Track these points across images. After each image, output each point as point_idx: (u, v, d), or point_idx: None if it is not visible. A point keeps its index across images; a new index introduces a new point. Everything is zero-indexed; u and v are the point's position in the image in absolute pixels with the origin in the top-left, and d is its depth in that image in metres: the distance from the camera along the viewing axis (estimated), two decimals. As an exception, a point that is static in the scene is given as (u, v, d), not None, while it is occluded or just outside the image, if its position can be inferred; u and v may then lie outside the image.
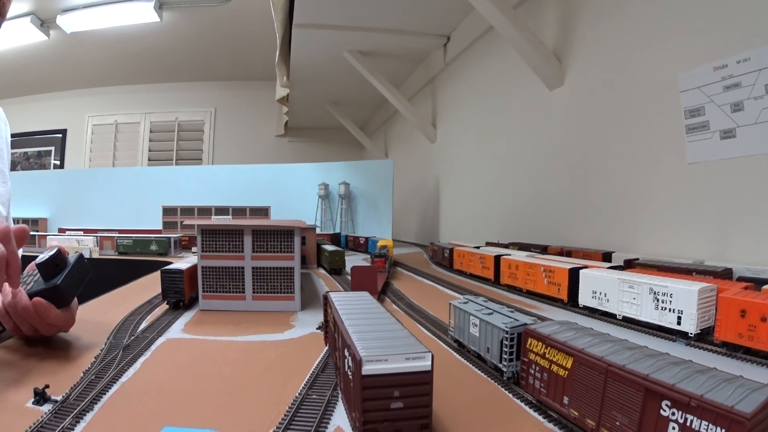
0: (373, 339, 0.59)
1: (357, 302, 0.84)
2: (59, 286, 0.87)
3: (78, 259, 0.93)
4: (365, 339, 0.59)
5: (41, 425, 0.59)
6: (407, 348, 0.55)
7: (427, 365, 0.54)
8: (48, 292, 0.86)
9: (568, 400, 0.58)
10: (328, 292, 0.90)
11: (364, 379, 0.52)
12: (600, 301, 1.21)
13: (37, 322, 0.88)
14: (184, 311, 1.31)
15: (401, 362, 0.53)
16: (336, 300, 0.85)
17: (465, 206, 3.49)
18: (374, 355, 0.53)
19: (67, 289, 0.89)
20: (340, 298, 0.86)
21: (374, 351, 0.54)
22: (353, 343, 0.57)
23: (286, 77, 4.24)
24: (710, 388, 0.44)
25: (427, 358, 0.54)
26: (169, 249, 3.04)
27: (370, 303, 0.84)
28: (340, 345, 0.68)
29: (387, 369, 0.52)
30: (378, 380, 0.52)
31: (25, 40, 4.88)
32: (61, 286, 0.87)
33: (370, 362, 0.52)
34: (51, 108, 6.62)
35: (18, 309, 0.86)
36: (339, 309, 0.76)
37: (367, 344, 0.56)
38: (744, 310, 0.86)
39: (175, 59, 5.72)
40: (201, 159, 6.72)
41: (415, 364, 0.53)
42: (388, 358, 0.53)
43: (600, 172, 1.99)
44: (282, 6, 3.13)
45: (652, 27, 1.70)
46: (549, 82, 2.24)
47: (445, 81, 3.78)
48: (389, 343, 0.58)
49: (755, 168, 1.34)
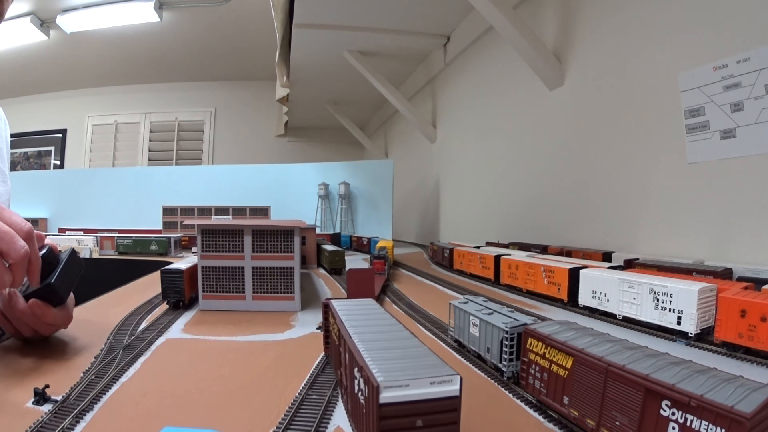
0: (390, 359, 0.52)
1: (363, 311, 0.76)
2: (53, 285, 0.86)
3: (70, 255, 0.93)
4: (380, 359, 0.51)
5: (41, 425, 0.59)
6: (431, 370, 0.48)
7: (455, 390, 0.47)
8: (43, 291, 0.86)
9: (568, 400, 0.58)
10: (330, 300, 0.82)
11: (381, 409, 0.45)
12: (600, 301, 1.21)
13: (36, 324, 0.88)
14: (184, 311, 1.31)
15: (425, 387, 0.46)
16: (340, 309, 0.76)
17: (465, 206, 3.49)
18: (393, 380, 0.45)
19: (62, 286, 0.89)
20: (344, 307, 0.78)
21: (393, 375, 0.47)
22: (366, 364, 0.50)
23: (286, 77, 4.24)
24: (710, 388, 0.44)
25: (454, 382, 0.47)
26: (169, 249, 3.04)
27: (377, 313, 0.76)
28: (347, 362, 0.60)
29: (408, 396, 0.45)
30: (398, 409, 0.45)
31: (25, 40, 4.88)
32: (55, 285, 0.86)
33: (389, 388, 0.45)
34: (51, 108, 6.62)
35: (15, 312, 0.85)
36: (345, 320, 0.69)
37: (384, 366, 0.49)
38: (744, 310, 0.86)
39: (175, 59, 5.72)
40: (201, 159, 6.72)
41: (441, 389, 0.46)
42: (410, 382, 0.46)
43: (600, 172, 1.99)
44: (282, 6, 3.13)
45: (652, 27, 1.70)
46: (549, 82, 2.24)
47: (445, 81, 3.78)
48: (408, 363, 0.50)
49: (755, 168, 1.34)
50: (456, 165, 3.63)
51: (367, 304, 0.81)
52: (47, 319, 0.87)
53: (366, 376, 0.48)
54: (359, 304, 0.81)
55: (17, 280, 0.73)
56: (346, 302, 0.82)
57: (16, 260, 0.71)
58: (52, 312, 0.87)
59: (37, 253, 0.79)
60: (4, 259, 0.71)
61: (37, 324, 0.88)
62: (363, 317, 0.71)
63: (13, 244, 0.71)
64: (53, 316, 0.88)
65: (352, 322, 0.67)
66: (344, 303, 0.81)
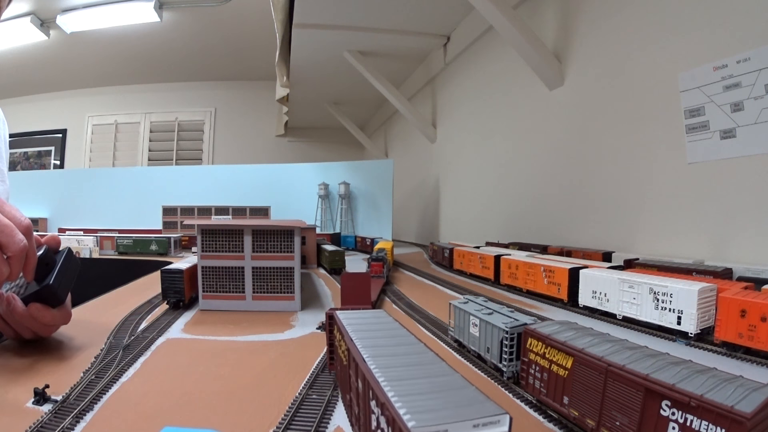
0: (418, 393, 0.42)
1: (375, 326, 0.65)
2: (52, 285, 0.86)
3: (67, 255, 0.93)
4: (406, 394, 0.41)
5: (41, 425, 0.59)
6: (472, 408, 0.39)
7: None
8: (42, 292, 0.86)
9: (568, 400, 0.58)
10: (335, 311, 0.74)
11: None
12: (600, 301, 1.21)
13: (36, 326, 0.88)
14: (184, 311, 1.31)
15: (467, 430, 0.37)
16: (348, 323, 0.66)
17: (465, 206, 3.49)
18: (428, 425, 0.36)
19: (60, 287, 0.89)
20: (353, 321, 0.67)
21: (426, 416, 0.37)
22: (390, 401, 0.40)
23: (286, 77, 4.24)
24: (710, 388, 0.44)
25: (503, 423, 0.38)
26: (169, 249, 3.04)
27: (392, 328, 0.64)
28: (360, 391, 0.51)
29: None
30: None
31: (25, 40, 4.88)
32: (54, 285, 0.86)
33: None
34: (51, 108, 6.62)
35: (15, 316, 0.86)
36: (355, 338, 0.58)
37: (412, 403, 0.39)
38: (744, 310, 0.86)
39: (175, 59, 5.72)
40: (201, 159, 6.72)
41: None
42: (448, 427, 0.36)
43: (600, 172, 1.99)
44: (282, 6, 3.13)
45: (652, 27, 1.70)
46: (549, 82, 2.24)
47: (445, 81, 3.78)
48: (442, 399, 0.41)
49: (755, 168, 1.34)
50: (456, 165, 3.63)
51: (379, 317, 0.71)
52: (47, 320, 0.87)
53: (390, 417, 0.38)
54: (369, 317, 0.71)
55: (14, 273, 0.74)
56: (354, 315, 0.72)
57: (14, 253, 0.72)
58: (52, 313, 0.87)
59: (35, 248, 0.80)
60: (2, 252, 0.72)
61: (36, 326, 0.88)
62: (376, 334, 0.61)
63: (12, 237, 0.72)
64: (53, 317, 0.88)
65: (365, 341, 0.57)
66: (352, 316, 0.71)
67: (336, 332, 0.70)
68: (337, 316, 0.70)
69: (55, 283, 0.87)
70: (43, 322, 0.87)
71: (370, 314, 0.73)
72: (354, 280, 1.16)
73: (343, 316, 0.71)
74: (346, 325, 0.64)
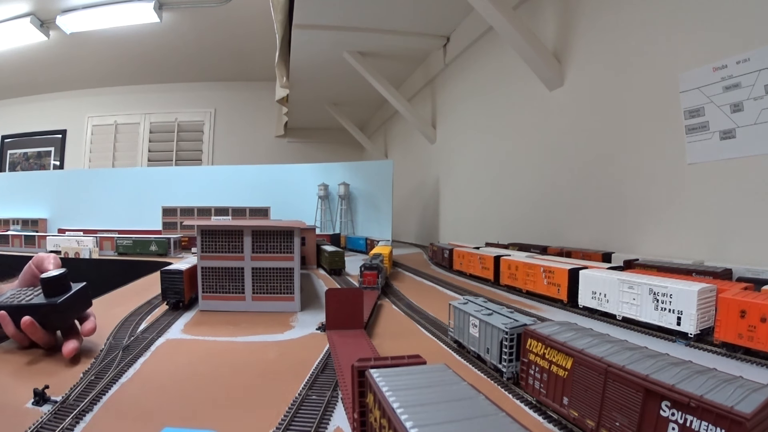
0: None
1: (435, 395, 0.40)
2: (58, 306, 0.86)
3: (83, 288, 0.92)
4: None
5: (41, 425, 0.59)
6: None
7: None
8: (45, 308, 0.85)
9: (568, 401, 0.58)
10: (366, 365, 0.47)
11: None
12: (600, 302, 1.21)
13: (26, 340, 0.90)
14: (184, 312, 1.31)
15: None
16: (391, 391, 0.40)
17: (465, 206, 3.49)
18: None
19: (64, 313, 0.88)
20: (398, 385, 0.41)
21: None
22: None
23: (286, 78, 4.24)
24: (710, 388, 0.44)
25: None
26: (169, 249, 3.04)
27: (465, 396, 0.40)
28: None
29: None
30: None
31: (25, 41, 4.87)
32: (59, 307, 0.86)
33: None
34: (51, 108, 6.61)
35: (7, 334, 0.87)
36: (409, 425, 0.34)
37: None
38: (744, 311, 0.86)
39: (175, 60, 5.72)
40: (201, 159, 6.71)
41: None
42: None
43: (600, 173, 1.99)
44: (282, 6, 3.13)
45: (652, 27, 1.70)
46: (549, 83, 2.24)
47: (444, 81, 3.78)
48: None
49: (755, 168, 1.34)
50: (456, 165, 3.63)
51: (440, 375, 0.45)
52: (35, 338, 0.87)
53: None
54: (424, 377, 0.44)
55: None
56: (397, 374, 0.44)
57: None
58: (41, 334, 0.87)
59: None
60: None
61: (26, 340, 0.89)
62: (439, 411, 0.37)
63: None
64: (41, 337, 0.87)
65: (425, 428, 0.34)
66: (395, 376, 0.44)
67: (371, 400, 0.44)
68: (372, 378, 0.43)
69: (61, 306, 0.86)
70: (32, 338, 0.87)
71: (424, 372, 0.46)
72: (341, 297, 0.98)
73: (382, 379, 0.43)
74: (388, 396, 0.39)
